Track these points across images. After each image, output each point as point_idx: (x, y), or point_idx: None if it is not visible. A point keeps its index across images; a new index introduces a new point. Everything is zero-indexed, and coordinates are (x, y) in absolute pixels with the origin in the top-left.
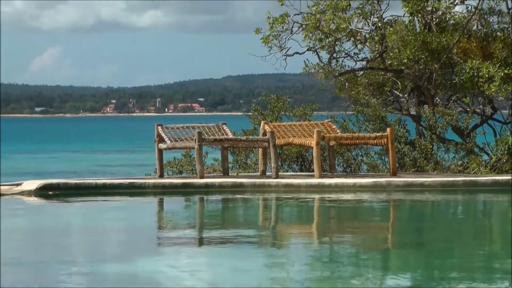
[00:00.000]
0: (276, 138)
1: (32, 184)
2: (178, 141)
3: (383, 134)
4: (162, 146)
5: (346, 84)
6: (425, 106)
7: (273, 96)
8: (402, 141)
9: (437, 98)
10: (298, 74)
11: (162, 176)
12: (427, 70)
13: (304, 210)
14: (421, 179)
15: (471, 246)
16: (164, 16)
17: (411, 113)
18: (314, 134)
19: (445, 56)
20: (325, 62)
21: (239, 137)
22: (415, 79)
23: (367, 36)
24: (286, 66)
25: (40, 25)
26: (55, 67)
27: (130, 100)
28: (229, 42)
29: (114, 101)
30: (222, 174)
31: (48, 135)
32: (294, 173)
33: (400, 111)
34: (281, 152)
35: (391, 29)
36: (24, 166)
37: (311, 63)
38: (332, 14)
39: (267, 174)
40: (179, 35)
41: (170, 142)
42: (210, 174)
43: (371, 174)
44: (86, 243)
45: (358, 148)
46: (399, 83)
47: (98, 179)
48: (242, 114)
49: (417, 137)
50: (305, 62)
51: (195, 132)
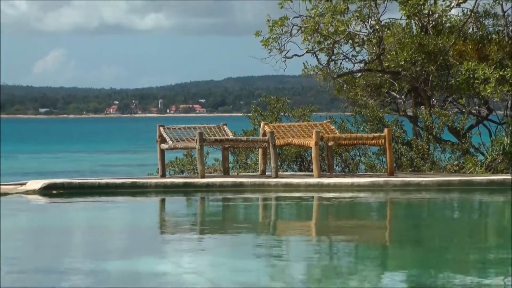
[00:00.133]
0: (275, 138)
1: (36, 183)
2: (179, 141)
3: (381, 135)
4: (164, 146)
5: (345, 85)
6: (421, 107)
7: (272, 97)
8: (399, 141)
9: (433, 99)
10: (297, 76)
11: (164, 175)
12: (424, 72)
13: (303, 209)
14: (418, 179)
15: (467, 244)
16: (166, 19)
17: (408, 114)
18: (313, 135)
19: (441, 58)
20: (323, 64)
21: (240, 137)
22: (412, 81)
23: (365, 38)
24: (286, 68)
25: (44, 27)
26: (59, 69)
27: (133, 101)
28: (229, 45)
29: (117, 102)
30: (223, 174)
31: (52, 136)
32: (293, 172)
33: (397, 112)
34: (280, 152)
35: (389, 31)
36: (28, 166)
37: (310, 65)
38: (330, 17)
39: (267, 173)
40: (181, 38)
41: (172, 142)
42: (211, 174)
43: (369, 173)
44: (90, 241)
45: (356, 148)
46: (396, 85)
47: (101, 179)
48: (242, 115)
49: (414, 137)
50: (304, 64)
51: (196, 132)
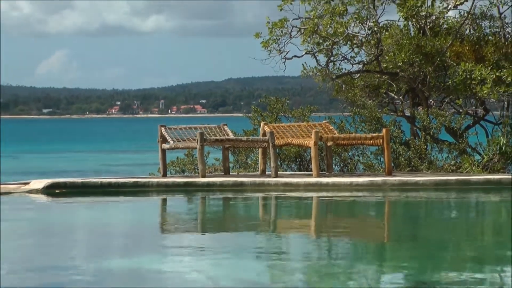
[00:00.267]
0: (275, 138)
1: (39, 183)
2: (180, 141)
3: (379, 135)
4: (165, 146)
5: (343, 86)
6: (419, 107)
7: (272, 98)
8: (397, 141)
9: (431, 100)
10: (297, 76)
11: (165, 175)
12: (421, 73)
13: (302, 208)
14: (415, 178)
15: (463, 241)
16: (167, 20)
17: (406, 114)
18: (312, 135)
19: (438, 59)
20: (322, 65)
21: (240, 137)
22: (410, 82)
23: (363, 40)
24: (285, 69)
25: (47, 29)
26: (62, 70)
27: (135, 101)
28: (230, 46)
29: (119, 102)
30: (223, 173)
31: (55, 136)
32: (292, 172)
33: (395, 113)
34: (280, 152)
35: (387, 33)
36: (31, 165)
37: (309, 66)
38: (329, 19)
39: (267, 173)
40: (182, 39)
41: (173, 142)
42: (211, 174)
43: (367, 173)
44: (93, 240)
45: (354, 148)
46: (394, 86)
47: (104, 178)
48: (242, 115)
49: (411, 137)
50: (303, 65)
51: (197, 132)
